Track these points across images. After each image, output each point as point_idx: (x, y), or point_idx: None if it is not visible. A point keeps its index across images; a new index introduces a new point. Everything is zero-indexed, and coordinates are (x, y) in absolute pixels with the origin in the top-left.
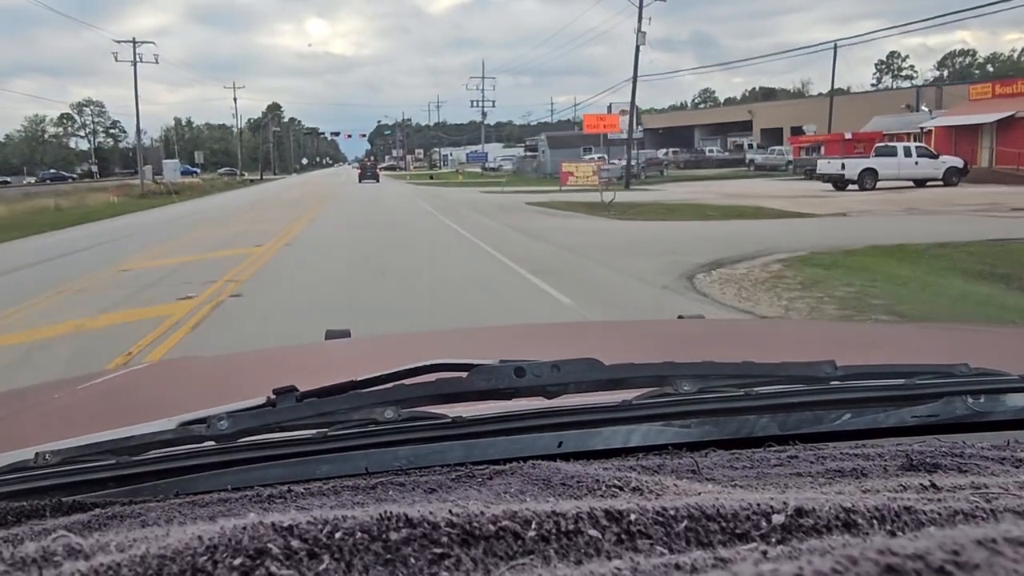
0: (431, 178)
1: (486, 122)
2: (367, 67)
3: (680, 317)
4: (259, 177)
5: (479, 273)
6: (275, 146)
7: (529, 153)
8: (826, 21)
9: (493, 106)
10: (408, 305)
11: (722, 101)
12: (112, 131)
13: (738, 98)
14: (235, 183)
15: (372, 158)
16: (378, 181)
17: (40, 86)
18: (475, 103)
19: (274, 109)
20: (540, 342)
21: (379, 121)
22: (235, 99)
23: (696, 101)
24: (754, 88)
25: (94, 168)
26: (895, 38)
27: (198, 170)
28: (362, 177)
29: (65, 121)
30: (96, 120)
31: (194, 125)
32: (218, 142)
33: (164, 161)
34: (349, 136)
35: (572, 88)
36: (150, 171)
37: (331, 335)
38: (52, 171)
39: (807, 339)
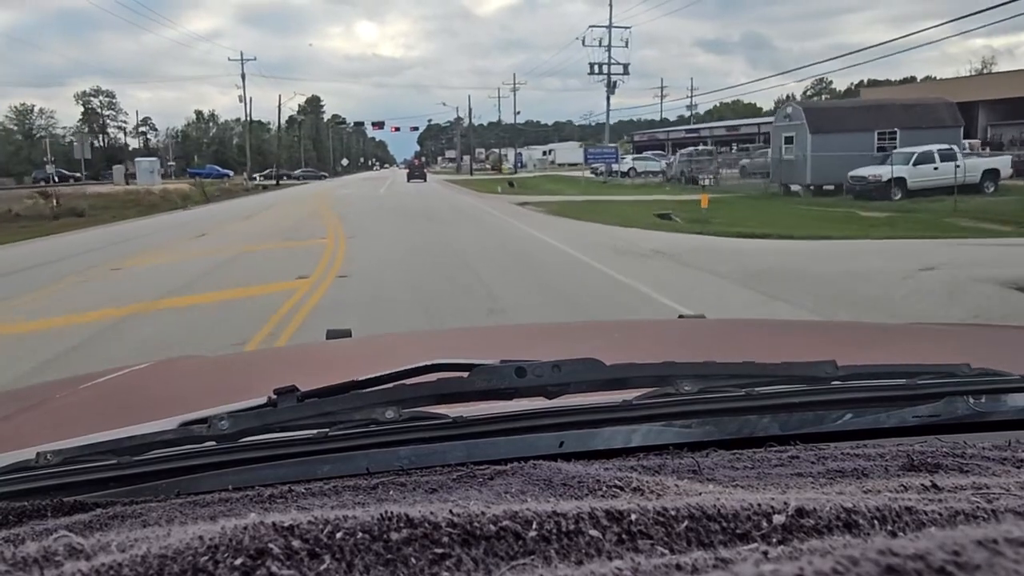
0: (511, 185)
1: (541, 121)
2: (415, 69)
3: (681, 317)
4: (274, 182)
5: None
6: (300, 141)
7: (702, 147)
8: (883, 21)
9: (625, 72)
10: None
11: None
12: (141, 129)
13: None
14: (219, 192)
15: (420, 159)
16: (425, 180)
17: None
18: (596, 68)
19: (314, 103)
20: (541, 342)
21: (430, 120)
22: (242, 75)
23: (906, 77)
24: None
25: (50, 169)
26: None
27: (230, 173)
28: (410, 177)
29: (90, 116)
30: (106, 113)
31: (220, 121)
32: (252, 140)
33: (137, 160)
34: (396, 129)
35: (621, 90)
36: (121, 172)
37: (332, 335)
38: (59, 172)
39: (808, 339)
